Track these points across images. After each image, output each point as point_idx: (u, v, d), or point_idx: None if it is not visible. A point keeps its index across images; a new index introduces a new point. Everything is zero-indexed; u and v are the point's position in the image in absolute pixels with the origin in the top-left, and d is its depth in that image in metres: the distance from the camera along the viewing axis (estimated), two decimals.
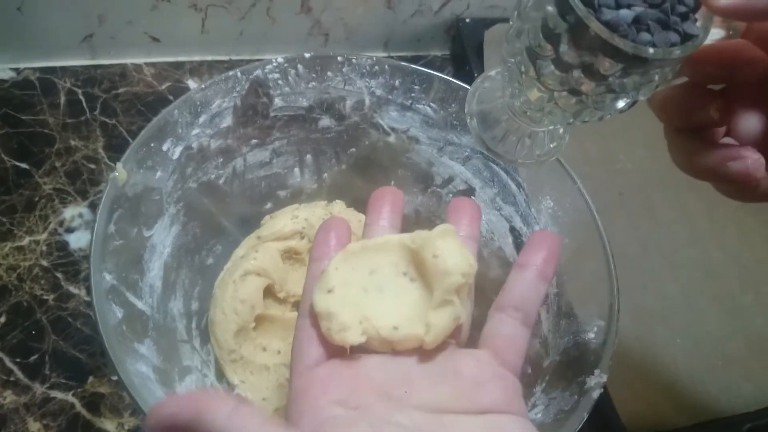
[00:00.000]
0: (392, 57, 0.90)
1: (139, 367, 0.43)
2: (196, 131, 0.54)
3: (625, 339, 0.69)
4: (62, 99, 0.76)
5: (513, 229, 0.59)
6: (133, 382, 0.40)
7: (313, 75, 0.58)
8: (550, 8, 0.29)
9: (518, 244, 0.58)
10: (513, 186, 0.58)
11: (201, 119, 0.54)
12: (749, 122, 0.31)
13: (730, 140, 0.34)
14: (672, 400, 0.67)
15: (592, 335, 0.49)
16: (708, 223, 0.80)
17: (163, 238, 0.53)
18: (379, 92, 0.60)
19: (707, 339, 0.71)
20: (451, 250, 0.37)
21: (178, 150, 0.53)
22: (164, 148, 0.52)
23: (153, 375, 0.45)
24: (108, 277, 0.44)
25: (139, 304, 0.48)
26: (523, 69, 0.32)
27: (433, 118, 0.60)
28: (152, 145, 0.51)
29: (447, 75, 0.60)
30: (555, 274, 0.55)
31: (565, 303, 0.53)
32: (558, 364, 0.51)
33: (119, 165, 0.48)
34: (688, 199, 0.82)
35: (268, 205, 0.64)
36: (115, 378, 0.57)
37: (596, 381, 0.46)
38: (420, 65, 0.60)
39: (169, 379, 0.47)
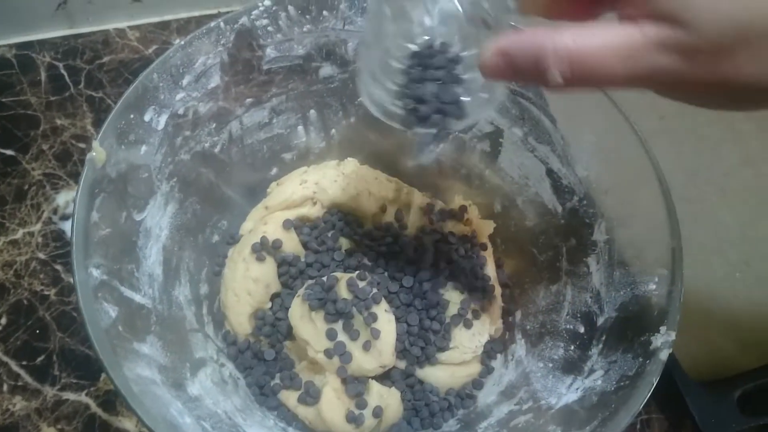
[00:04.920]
0: None
1: (140, 370, 0.38)
2: (180, 95, 0.48)
3: None
4: (43, 75, 0.70)
5: (550, 172, 0.52)
6: (131, 389, 0.35)
7: (307, 17, 0.51)
8: None
9: (558, 188, 0.52)
10: (546, 122, 0.51)
11: (185, 81, 0.48)
12: None
13: None
14: (735, 340, 0.61)
15: (653, 286, 0.43)
16: (759, 143, 0.72)
17: (158, 219, 0.47)
18: None
19: None
20: None
21: (163, 119, 0.47)
22: (146, 118, 0.45)
23: (158, 376, 0.39)
24: (96, 272, 0.39)
25: (137, 298, 0.43)
26: None
27: None
28: (132, 116, 0.44)
29: None
30: (603, 219, 0.49)
31: (618, 251, 0.47)
32: (615, 322, 0.45)
33: (95, 143, 0.41)
34: (735, 119, 0.74)
35: (274, 171, 0.58)
36: None
37: (663, 340, 0.40)
38: None
39: (178, 378, 0.42)
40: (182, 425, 0.37)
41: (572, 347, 0.47)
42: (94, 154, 0.41)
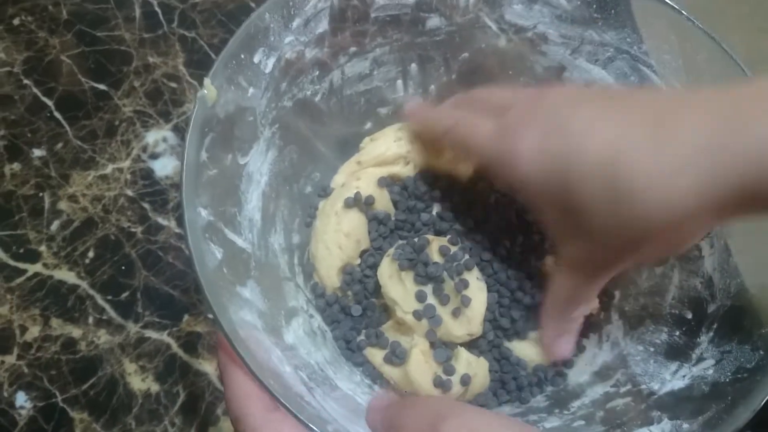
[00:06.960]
0: None
1: (243, 315, 0.38)
2: (289, 39, 0.46)
3: None
4: (137, 12, 0.70)
5: None
6: (239, 335, 0.34)
7: None
8: None
9: None
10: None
11: (294, 24, 0.46)
12: None
13: None
14: None
15: None
16: None
17: (259, 165, 0.46)
18: None
19: None
20: None
21: (271, 62, 0.45)
22: (256, 59, 0.44)
23: (259, 321, 0.39)
24: (204, 212, 0.38)
25: (239, 241, 0.42)
26: None
27: (567, 10, 0.49)
28: (242, 56, 0.43)
29: None
30: None
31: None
32: (730, 311, 0.42)
33: (207, 81, 0.40)
34: None
35: (368, 125, 0.57)
36: (211, 316, 0.53)
37: None
38: None
39: (276, 325, 0.42)
40: (283, 374, 0.37)
41: (677, 333, 0.45)
42: (205, 92, 0.40)
